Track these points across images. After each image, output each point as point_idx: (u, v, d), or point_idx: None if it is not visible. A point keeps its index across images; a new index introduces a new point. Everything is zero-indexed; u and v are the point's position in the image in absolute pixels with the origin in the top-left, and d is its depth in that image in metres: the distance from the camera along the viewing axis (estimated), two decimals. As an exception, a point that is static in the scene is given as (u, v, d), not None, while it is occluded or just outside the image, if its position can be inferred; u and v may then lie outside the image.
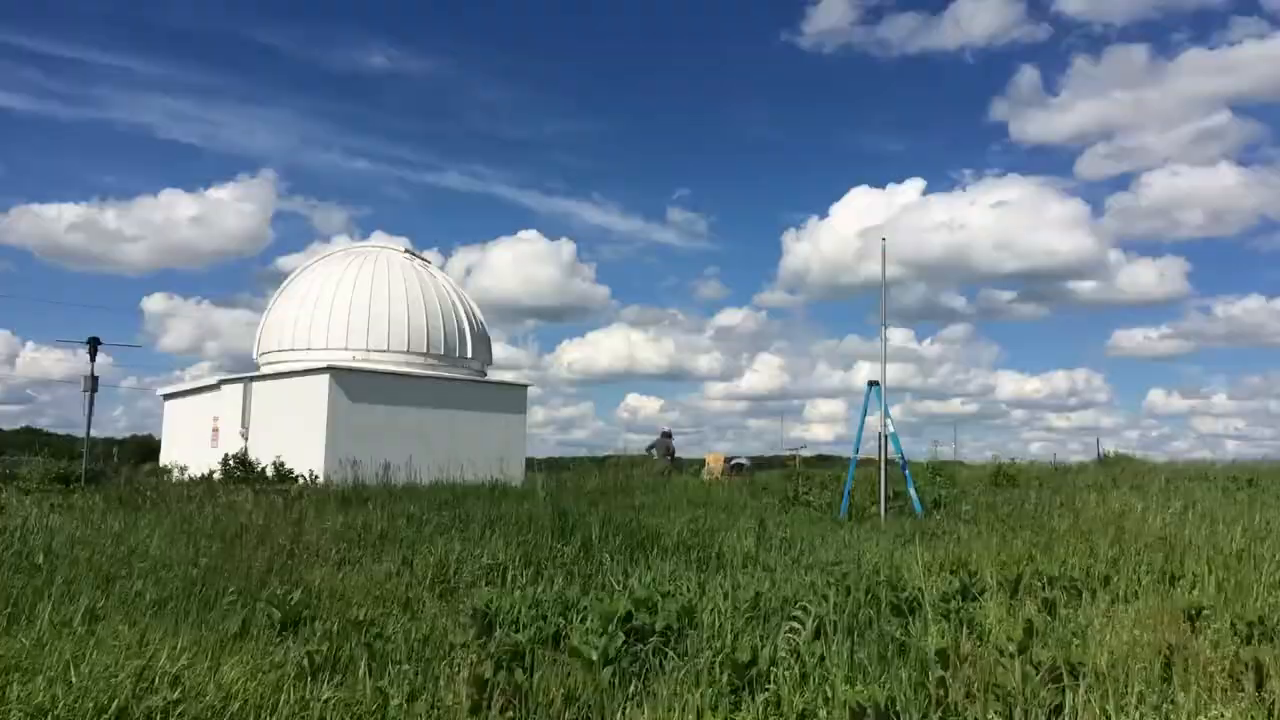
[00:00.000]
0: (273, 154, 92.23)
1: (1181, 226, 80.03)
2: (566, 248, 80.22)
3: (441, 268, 31.55)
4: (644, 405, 77.63)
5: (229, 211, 76.98)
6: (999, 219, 70.71)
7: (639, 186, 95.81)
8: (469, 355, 27.72)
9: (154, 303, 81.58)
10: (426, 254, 30.17)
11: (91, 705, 4.15)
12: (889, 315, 14.52)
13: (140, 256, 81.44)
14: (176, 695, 4.35)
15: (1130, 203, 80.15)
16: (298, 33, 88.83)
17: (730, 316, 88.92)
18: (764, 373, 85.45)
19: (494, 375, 29.70)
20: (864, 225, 63.67)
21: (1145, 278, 79.34)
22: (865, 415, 14.53)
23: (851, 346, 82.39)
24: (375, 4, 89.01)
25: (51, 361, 76.44)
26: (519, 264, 73.63)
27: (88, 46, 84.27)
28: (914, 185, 75.14)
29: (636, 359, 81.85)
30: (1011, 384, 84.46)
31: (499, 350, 31.57)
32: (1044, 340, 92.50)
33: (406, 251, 29.06)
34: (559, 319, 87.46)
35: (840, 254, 70.25)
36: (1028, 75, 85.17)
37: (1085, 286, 79.74)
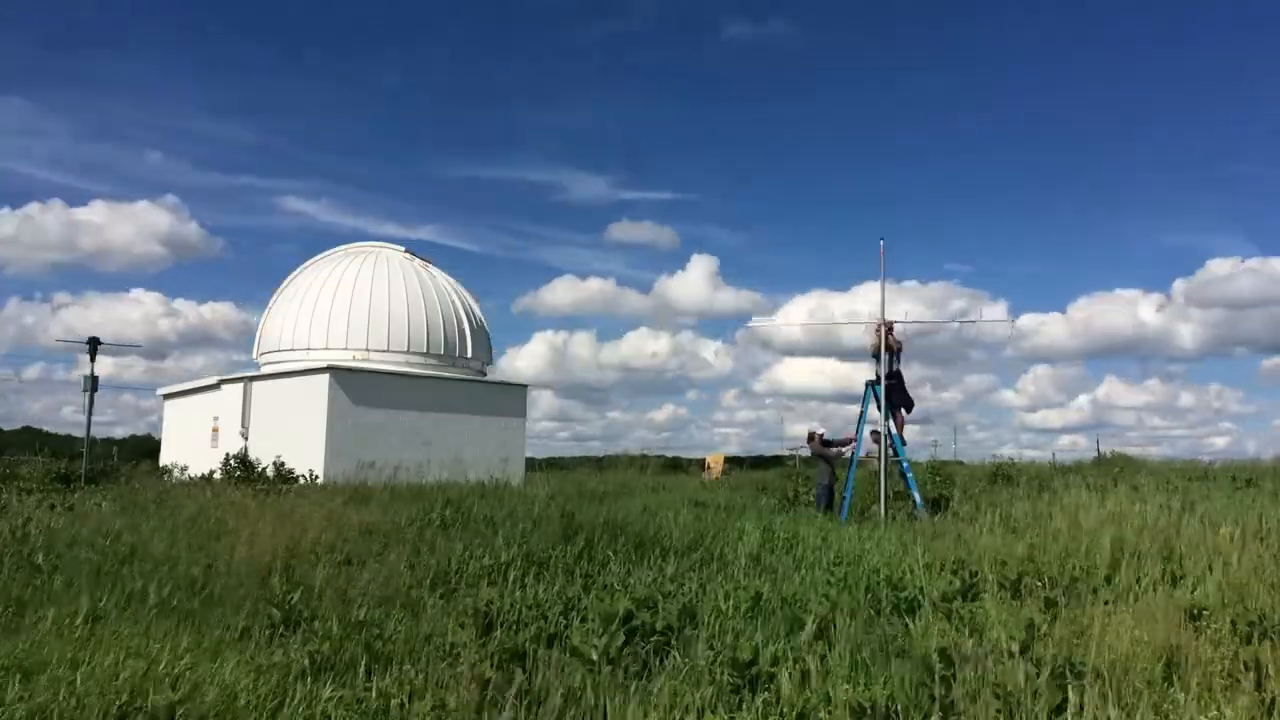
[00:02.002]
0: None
1: None
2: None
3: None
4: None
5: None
6: None
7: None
8: (469, 355, 27.72)
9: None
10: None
11: (93, 706, 4.15)
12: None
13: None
14: (178, 696, 4.36)
15: None
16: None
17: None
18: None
19: (494, 375, 29.72)
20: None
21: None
22: (865, 415, 14.52)
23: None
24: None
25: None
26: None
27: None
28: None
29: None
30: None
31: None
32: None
33: (407, 251, 29.06)
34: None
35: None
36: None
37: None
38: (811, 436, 15.63)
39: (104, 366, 44.15)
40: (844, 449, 15.07)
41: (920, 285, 60.37)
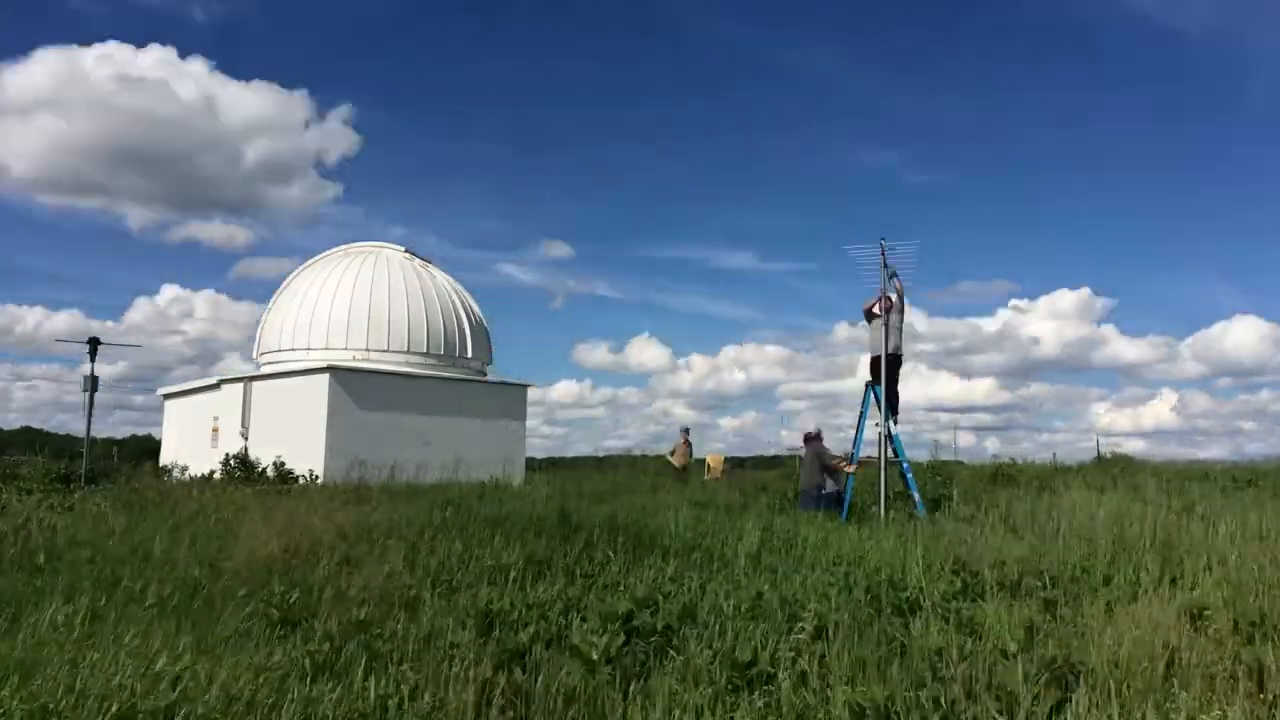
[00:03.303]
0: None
1: None
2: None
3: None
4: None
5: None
6: None
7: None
8: (469, 355, 27.73)
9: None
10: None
11: (93, 706, 4.15)
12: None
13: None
14: (178, 696, 4.36)
15: None
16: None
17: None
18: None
19: (494, 375, 29.71)
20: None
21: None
22: (864, 415, 14.49)
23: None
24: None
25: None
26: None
27: None
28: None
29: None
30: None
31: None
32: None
33: (407, 251, 29.07)
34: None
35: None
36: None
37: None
38: (809, 438, 15.26)
39: (104, 367, 44.19)
40: (844, 465, 14.59)
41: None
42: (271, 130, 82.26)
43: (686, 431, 24.67)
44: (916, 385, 74.54)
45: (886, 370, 13.97)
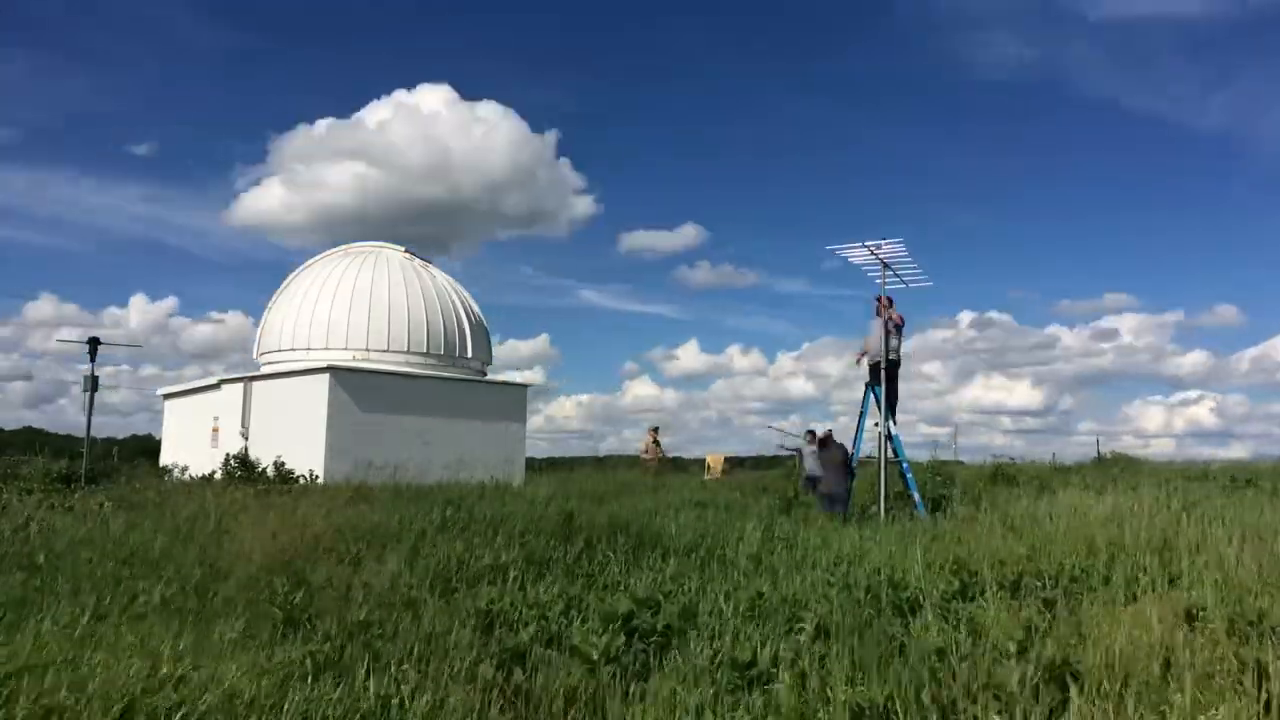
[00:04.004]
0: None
1: None
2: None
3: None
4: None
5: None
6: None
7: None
8: (469, 355, 27.73)
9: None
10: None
11: (95, 706, 4.17)
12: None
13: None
14: (180, 696, 4.37)
15: None
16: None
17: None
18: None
19: (494, 375, 29.72)
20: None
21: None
22: (864, 416, 14.51)
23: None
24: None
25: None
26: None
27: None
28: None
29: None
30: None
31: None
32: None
33: (406, 251, 29.08)
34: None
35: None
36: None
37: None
38: (826, 442, 15.17)
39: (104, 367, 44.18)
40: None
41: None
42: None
43: (655, 430, 25.24)
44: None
45: (886, 374, 14.01)
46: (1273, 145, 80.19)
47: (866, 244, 14.10)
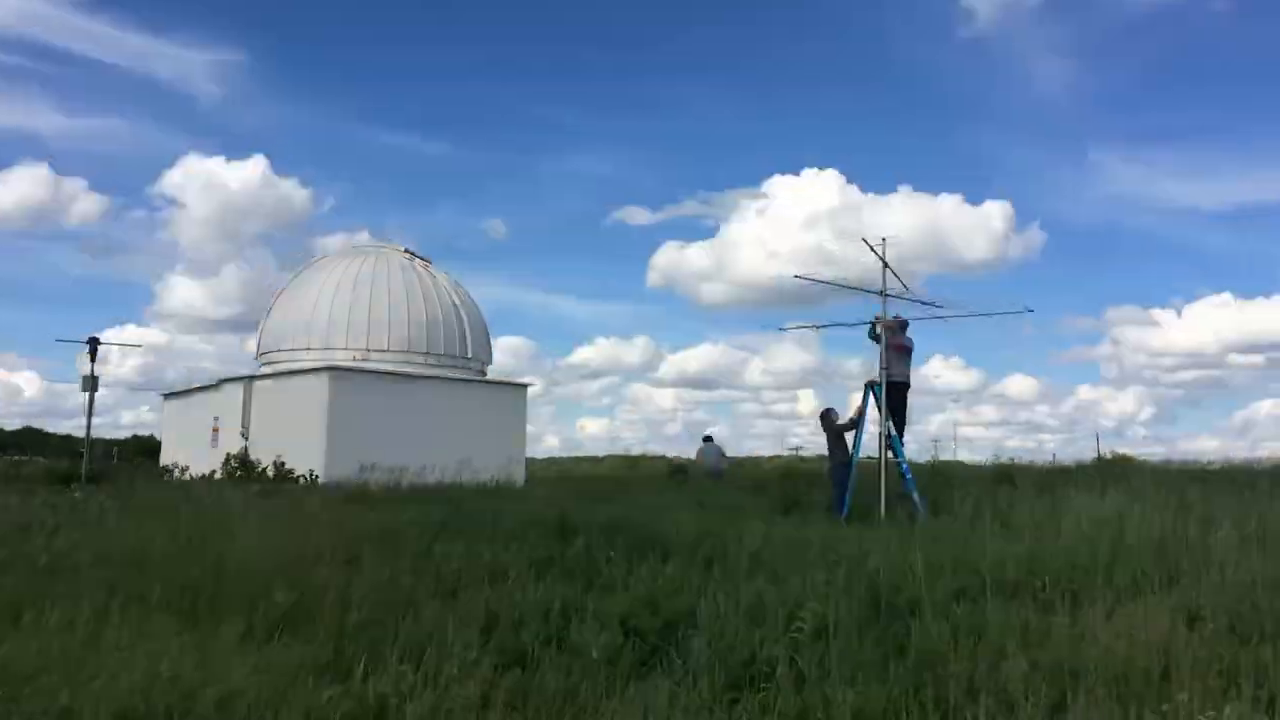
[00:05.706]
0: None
1: None
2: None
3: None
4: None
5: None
6: None
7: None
8: (469, 355, 27.74)
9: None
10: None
11: (96, 707, 4.17)
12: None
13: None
14: (180, 697, 4.37)
15: None
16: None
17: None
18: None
19: (494, 375, 29.73)
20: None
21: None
22: (864, 416, 14.49)
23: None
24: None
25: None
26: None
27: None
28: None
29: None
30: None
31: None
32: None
33: (406, 251, 29.09)
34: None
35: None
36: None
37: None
38: (828, 417, 15.12)
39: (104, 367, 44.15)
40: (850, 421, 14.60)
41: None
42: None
43: (708, 439, 24.12)
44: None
45: (898, 397, 14.08)
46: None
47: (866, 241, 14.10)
